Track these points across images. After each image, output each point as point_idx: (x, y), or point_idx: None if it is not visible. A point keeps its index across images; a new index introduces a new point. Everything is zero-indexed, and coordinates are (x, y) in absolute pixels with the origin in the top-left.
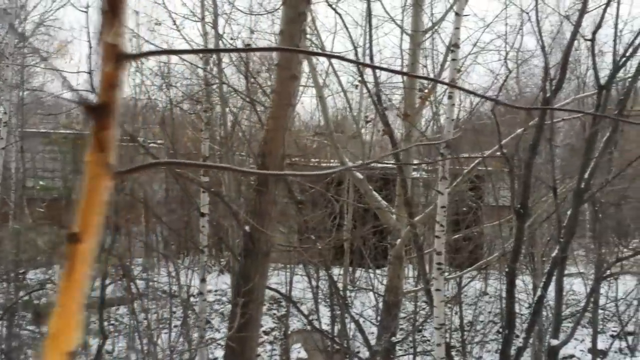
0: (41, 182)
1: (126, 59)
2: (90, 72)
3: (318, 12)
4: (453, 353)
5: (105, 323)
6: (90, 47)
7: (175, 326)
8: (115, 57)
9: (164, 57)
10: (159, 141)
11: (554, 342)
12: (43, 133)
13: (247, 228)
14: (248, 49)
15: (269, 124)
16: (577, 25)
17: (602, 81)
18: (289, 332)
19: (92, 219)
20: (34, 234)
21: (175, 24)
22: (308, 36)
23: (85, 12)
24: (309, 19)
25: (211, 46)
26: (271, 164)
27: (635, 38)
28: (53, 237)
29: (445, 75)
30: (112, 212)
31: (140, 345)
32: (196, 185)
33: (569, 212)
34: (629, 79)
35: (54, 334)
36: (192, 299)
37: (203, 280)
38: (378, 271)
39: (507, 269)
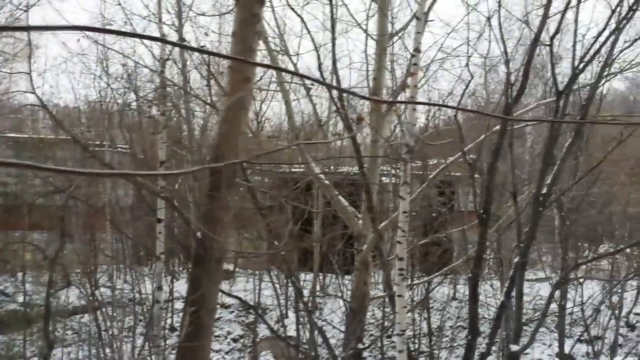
0: None
1: None
2: (29, 73)
3: (288, 16)
4: (421, 359)
5: (69, 332)
6: (31, 48)
7: (141, 334)
8: None
9: (130, 62)
10: (124, 146)
11: (514, 347)
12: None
13: (198, 234)
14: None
15: (221, 127)
16: (539, 31)
17: (562, 87)
18: (257, 340)
19: None
20: None
21: (128, 23)
22: (272, 39)
23: (25, 11)
24: (274, 22)
25: (176, 52)
26: (224, 169)
27: (593, 44)
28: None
29: (409, 81)
30: (59, 219)
31: (104, 354)
32: (145, 189)
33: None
34: (591, 85)
35: None
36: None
37: (159, 288)
38: (348, 277)
39: (469, 275)
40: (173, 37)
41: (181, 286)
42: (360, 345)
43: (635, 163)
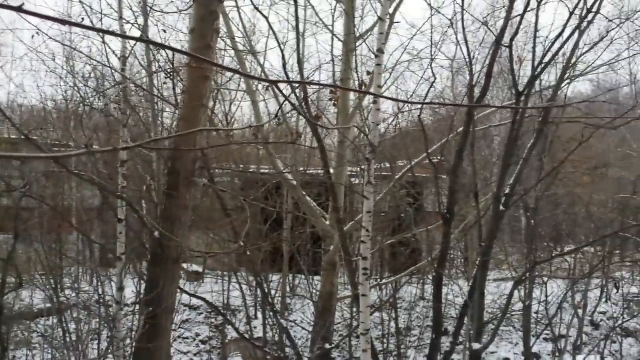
0: None
1: None
2: None
3: (258, 17)
4: (390, 359)
5: (34, 334)
6: None
7: (109, 337)
8: None
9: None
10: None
11: (477, 345)
12: None
13: (156, 234)
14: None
15: (179, 125)
16: (501, 33)
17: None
18: (226, 341)
19: None
20: None
21: (86, 19)
22: (238, 39)
23: None
24: (240, 22)
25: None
26: (182, 168)
27: (552, 46)
28: None
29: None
30: (13, 218)
31: (69, 357)
32: (104, 189)
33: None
34: (553, 87)
35: None
36: (126, 308)
37: (121, 289)
38: (317, 278)
39: (433, 274)
40: (135, 34)
41: None
42: (328, 346)
43: (597, 164)
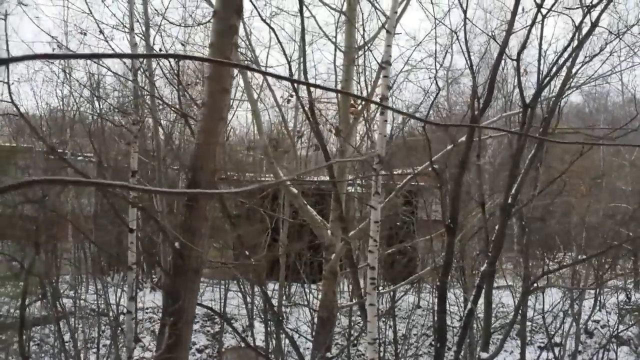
0: None
1: None
2: (7, 83)
3: (254, 26)
4: None
5: (31, 343)
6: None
7: (104, 345)
8: None
9: (94, 67)
10: (87, 154)
11: (484, 355)
12: None
13: (176, 244)
14: (155, 54)
15: (199, 137)
16: (504, 45)
17: (528, 100)
18: (223, 350)
19: None
20: None
21: (102, 33)
22: (242, 50)
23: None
24: (243, 33)
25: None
26: (202, 180)
27: (558, 59)
28: None
29: (377, 92)
30: (32, 229)
31: None
32: (121, 199)
33: (496, 227)
34: (553, 98)
35: None
36: (122, 317)
37: (132, 299)
38: (313, 286)
39: (438, 283)
40: (141, 45)
41: (146, 296)
42: (328, 354)
43: (595, 174)
